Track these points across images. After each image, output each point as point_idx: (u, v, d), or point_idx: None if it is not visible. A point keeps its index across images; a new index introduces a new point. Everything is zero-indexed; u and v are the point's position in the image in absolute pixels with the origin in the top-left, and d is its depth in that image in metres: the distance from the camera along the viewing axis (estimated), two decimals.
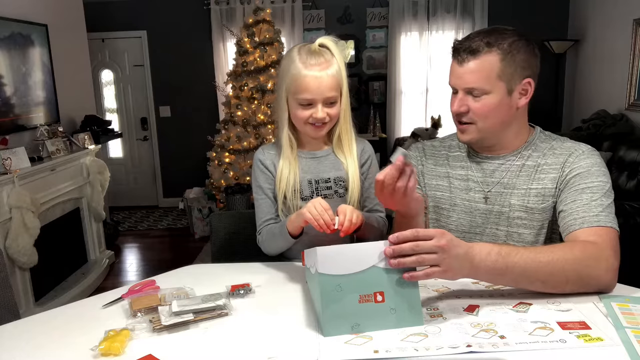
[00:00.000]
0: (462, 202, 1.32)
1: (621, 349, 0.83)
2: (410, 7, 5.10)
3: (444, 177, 1.36)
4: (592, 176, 1.17)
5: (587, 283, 1.02)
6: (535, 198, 1.23)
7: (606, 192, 1.16)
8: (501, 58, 1.15)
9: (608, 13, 4.39)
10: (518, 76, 1.18)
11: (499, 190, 1.27)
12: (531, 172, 1.25)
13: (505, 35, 1.17)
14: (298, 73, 1.24)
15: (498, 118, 1.21)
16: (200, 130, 5.04)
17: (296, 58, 1.25)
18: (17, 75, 3.19)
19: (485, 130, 1.23)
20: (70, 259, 3.54)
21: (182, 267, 1.35)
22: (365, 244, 1.01)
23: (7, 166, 2.70)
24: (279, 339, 0.92)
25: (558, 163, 1.22)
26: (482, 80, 1.16)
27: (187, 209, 4.74)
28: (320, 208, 1.15)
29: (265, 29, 4.29)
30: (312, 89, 1.24)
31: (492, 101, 1.18)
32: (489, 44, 1.15)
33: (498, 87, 1.17)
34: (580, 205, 1.14)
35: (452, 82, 1.23)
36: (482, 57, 1.16)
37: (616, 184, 3.65)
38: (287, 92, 1.27)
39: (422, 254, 0.92)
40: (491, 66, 1.16)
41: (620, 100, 4.18)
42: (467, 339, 0.87)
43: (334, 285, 0.92)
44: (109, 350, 0.88)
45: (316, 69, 1.24)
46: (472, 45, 1.16)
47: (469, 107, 1.20)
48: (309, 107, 1.26)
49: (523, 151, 1.27)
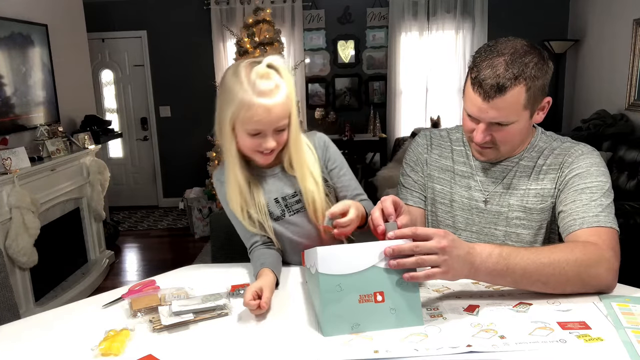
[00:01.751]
0: (461, 199, 1.31)
1: (621, 349, 0.82)
2: (410, 7, 5.10)
3: (446, 171, 1.35)
4: (592, 176, 1.16)
5: (587, 283, 1.02)
6: (534, 199, 1.23)
7: (605, 191, 1.15)
8: (527, 89, 1.10)
9: (608, 13, 4.39)
10: (540, 99, 1.16)
11: (499, 190, 1.27)
12: (530, 172, 1.25)
13: (526, 59, 1.11)
14: (248, 101, 1.12)
15: (519, 139, 1.21)
16: (200, 130, 5.03)
17: (244, 80, 1.13)
18: (17, 75, 3.19)
19: (506, 152, 1.23)
20: (70, 259, 3.54)
21: (182, 267, 1.35)
22: (366, 244, 1.01)
23: (7, 166, 2.70)
24: (279, 339, 0.92)
25: (557, 164, 1.22)
26: (511, 114, 1.13)
27: (187, 209, 4.74)
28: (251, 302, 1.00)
29: (265, 29, 4.29)
30: (263, 120, 1.14)
31: (517, 128, 1.16)
32: (516, 78, 1.09)
33: (523, 115, 1.15)
34: (580, 205, 1.13)
35: (475, 114, 1.16)
36: (509, 92, 1.09)
37: (616, 184, 3.66)
38: (234, 118, 1.15)
39: (422, 255, 0.92)
40: (518, 100, 1.11)
41: (620, 100, 4.18)
42: (467, 339, 0.87)
43: (334, 285, 0.92)
44: (109, 350, 0.88)
45: (267, 98, 1.13)
46: (500, 82, 1.09)
47: (493, 136, 1.18)
48: (257, 136, 1.17)
49: (525, 153, 1.27)
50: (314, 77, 5.44)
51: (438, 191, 1.35)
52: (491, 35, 5.06)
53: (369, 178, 4.68)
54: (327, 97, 5.46)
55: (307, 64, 5.39)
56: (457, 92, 5.22)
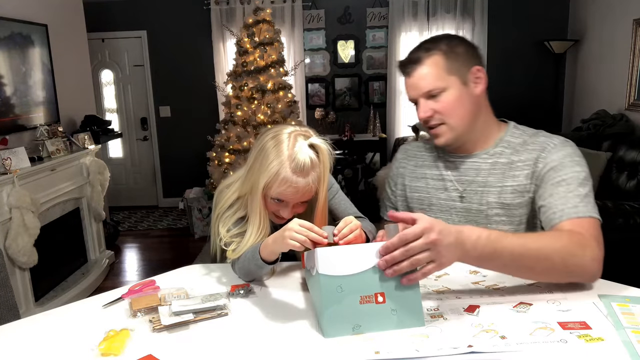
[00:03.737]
0: (439, 201, 1.35)
1: (621, 349, 0.82)
2: (410, 7, 5.10)
3: (421, 178, 1.40)
4: (566, 168, 1.18)
5: (572, 271, 1.03)
6: (511, 195, 1.25)
7: (582, 181, 1.17)
8: (444, 56, 1.22)
9: (608, 13, 4.39)
10: (466, 67, 1.23)
11: (475, 189, 1.30)
12: (504, 169, 1.27)
13: (439, 38, 1.26)
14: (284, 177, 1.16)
15: (463, 110, 1.24)
16: (200, 130, 5.04)
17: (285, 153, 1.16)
18: (17, 75, 3.19)
19: (457, 126, 1.25)
20: (70, 259, 3.54)
21: (182, 267, 1.34)
22: (366, 245, 1.01)
23: (7, 166, 2.70)
24: (279, 340, 0.92)
25: (531, 159, 1.24)
26: (435, 79, 1.22)
27: (187, 209, 4.74)
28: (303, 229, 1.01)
29: (265, 29, 4.29)
30: (289, 195, 1.19)
31: (452, 96, 1.23)
32: (428, 49, 1.23)
33: (452, 81, 1.22)
34: (558, 198, 1.15)
35: (411, 95, 1.28)
36: (426, 61, 1.22)
37: (616, 184, 3.66)
38: (266, 187, 1.19)
39: (415, 256, 0.90)
40: (437, 65, 1.22)
41: (620, 100, 4.18)
42: (468, 340, 0.87)
43: (335, 286, 0.92)
44: (109, 350, 0.88)
45: (301, 178, 1.16)
46: (414, 56, 1.24)
47: (433, 109, 1.24)
48: (278, 202, 1.22)
49: (495, 148, 1.29)
50: (314, 77, 5.44)
51: (416, 199, 1.39)
52: (491, 35, 5.07)
53: (369, 178, 4.68)
54: (327, 97, 5.46)
55: (307, 64, 5.39)
56: None
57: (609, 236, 2.10)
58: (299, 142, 1.18)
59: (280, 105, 4.32)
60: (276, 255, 1.13)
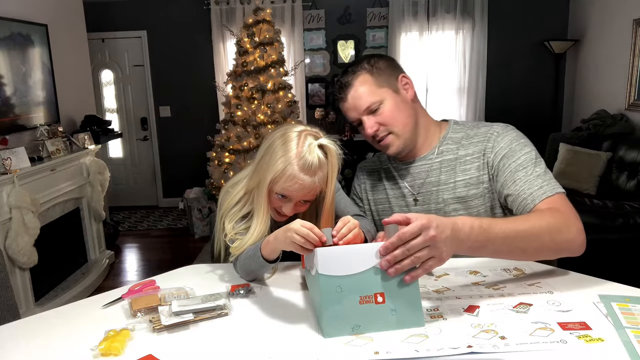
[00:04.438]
0: (400, 209, 1.39)
1: (621, 349, 0.82)
2: (410, 7, 5.10)
3: (381, 190, 1.45)
4: (516, 153, 1.24)
5: (561, 247, 1.08)
6: (465, 188, 1.30)
7: (535, 160, 1.23)
8: (369, 73, 1.30)
9: (608, 13, 4.40)
10: (392, 77, 1.32)
11: (430, 189, 1.35)
12: (454, 165, 1.32)
13: (359, 60, 1.34)
14: (290, 174, 1.17)
15: (404, 116, 1.31)
16: (200, 130, 5.04)
17: (293, 150, 1.17)
18: (17, 75, 3.19)
19: (402, 132, 1.31)
20: (70, 259, 3.54)
21: (182, 267, 1.34)
22: (366, 245, 1.01)
23: (7, 166, 2.70)
24: (279, 340, 0.92)
25: (478, 151, 1.30)
26: (369, 96, 1.29)
27: (187, 209, 4.74)
28: (304, 229, 0.99)
29: (265, 29, 4.29)
30: (294, 192, 1.20)
31: (390, 105, 1.29)
32: (353, 72, 1.31)
33: (385, 93, 1.30)
34: (521, 184, 1.20)
35: (353, 117, 1.33)
36: (355, 82, 1.30)
37: (616, 184, 3.66)
38: (273, 182, 1.20)
39: (415, 254, 0.90)
40: (367, 82, 1.30)
41: (620, 100, 4.19)
42: (468, 340, 0.87)
43: (335, 287, 0.92)
44: (108, 350, 0.88)
45: (308, 176, 1.17)
46: (343, 82, 1.32)
47: (378, 122, 1.30)
48: (282, 198, 1.22)
49: (440, 147, 1.35)
50: (314, 77, 5.44)
51: (381, 210, 1.46)
52: (491, 35, 5.07)
53: None
54: (327, 97, 5.46)
55: (307, 64, 5.39)
56: (457, 92, 5.22)
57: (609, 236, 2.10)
58: (308, 141, 1.19)
59: (280, 105, 4.32)
60: (277, 254, 1.12)
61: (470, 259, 1.22)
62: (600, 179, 3.82)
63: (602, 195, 3.56)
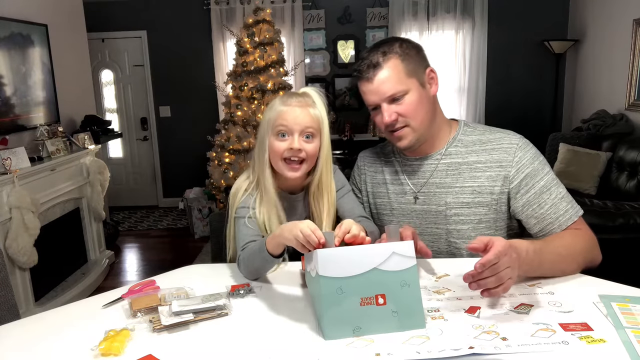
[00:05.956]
0: (399, 205, 1.37)
1: (621, 349, 0.82)
2: (410, 7, 5.10)
3: (382, 184, 1.42)
4: (539, 172, 1.24)
5: (589, 265, 1.17)
6: (470, 195, 1.27)
7: (556, 181, 1.25)
8: (401, 59, 1.23)
9: (608, 13, 4.39)
10: (421, 68, 1.26)
11: (431, 190, 1.32)
12: (462, 170, 1.29)
13: (391, 41, 1.26)
14: (278, 109, 1.24)
15: (425, 111, 1.26)
16: (200, 130, 5.03)
17: (277, 100, 1.27)
18: (17, 75, 3.19)
19: (419, 127, 1.27)
20: (70, 259, 3.54)
21: (182, 267, 1.34)
22: (366, 246, 1.00)
23: (7, 166, 2.70)
24: (279, 340, 0.92)
25: (495, 161, 1.26)
26: (397, 83, 1.22)
27: (187, 209, 4.74)
28: (308, 230, 1.01)
29: (265, 29, 4.29)
30: (290, 118, 1.22)
31: (414, 98, 1.24)
32: (385, 53, 1.23)
33: (412, 84, 1.24)
34: (547, 208, 1.22)
35: (372, 100, 1.26)
36: (385, 65, 1.23)
37: (616, 184, 3.66)
38: (267, 129, 1.26)
39: (499, 273, 0.96)
40: (397, 69, 1.22)
41: (620, 100, 4.18)
42: (469, 341, 0.86)
43: (335, 288, 0.91)
44: (108, 350, 0.88)
45: (296, 105, 1.23)
46: (372, 61, 1.23)
47: (397, 112, 1.24)
48: (284, 138, 1.24)
49: (449, 148, 1.32)
50: (314, 77, 5.44)
51: (379, 204, 1.42)
52: (491, 35, 5.07)
53: None
54: (327, 97, 5.44)
55: (307, 64, 5.39)
56: (457, 92, 5.22)
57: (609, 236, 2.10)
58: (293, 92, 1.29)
59: None
60: (281, 249, 1.14)
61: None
62: (600, 179, 3.82)
63: (602, 195, 3.56)
